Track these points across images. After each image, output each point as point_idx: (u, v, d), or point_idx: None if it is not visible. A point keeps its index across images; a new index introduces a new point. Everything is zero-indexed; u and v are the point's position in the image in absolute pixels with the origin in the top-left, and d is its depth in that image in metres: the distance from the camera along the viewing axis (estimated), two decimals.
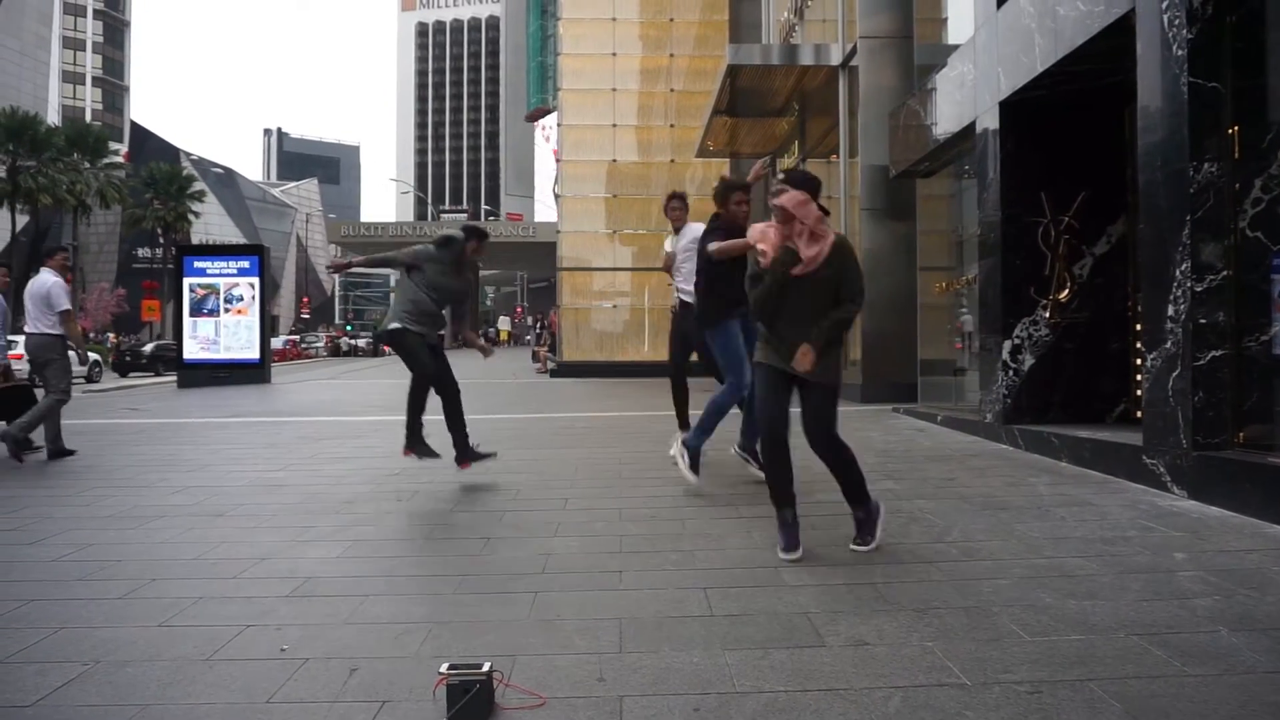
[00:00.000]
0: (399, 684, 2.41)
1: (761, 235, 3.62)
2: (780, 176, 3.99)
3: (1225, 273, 4.63)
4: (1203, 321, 4.64)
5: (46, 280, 6.89)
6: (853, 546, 3.68)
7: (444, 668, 2.24)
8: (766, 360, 3.65)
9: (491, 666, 2.23)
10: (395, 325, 5.29)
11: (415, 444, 5.40)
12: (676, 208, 6.36)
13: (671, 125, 21.32)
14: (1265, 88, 4.71)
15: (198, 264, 17.79)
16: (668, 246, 6.49)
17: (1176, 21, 4.76)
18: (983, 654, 2.53)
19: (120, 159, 58.73)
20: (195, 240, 53.12)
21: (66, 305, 6.96)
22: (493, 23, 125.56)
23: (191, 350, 17.40)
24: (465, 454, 5.43)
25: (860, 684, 2.35)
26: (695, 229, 6.29)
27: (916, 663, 2.48)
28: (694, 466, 4.96)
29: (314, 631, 2.83)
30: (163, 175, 52.22)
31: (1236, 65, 4.70)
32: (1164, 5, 4.85)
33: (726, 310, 4.93)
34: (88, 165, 45.61)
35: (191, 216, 53.28)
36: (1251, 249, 4.62)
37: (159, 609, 3.08)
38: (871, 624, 2.81)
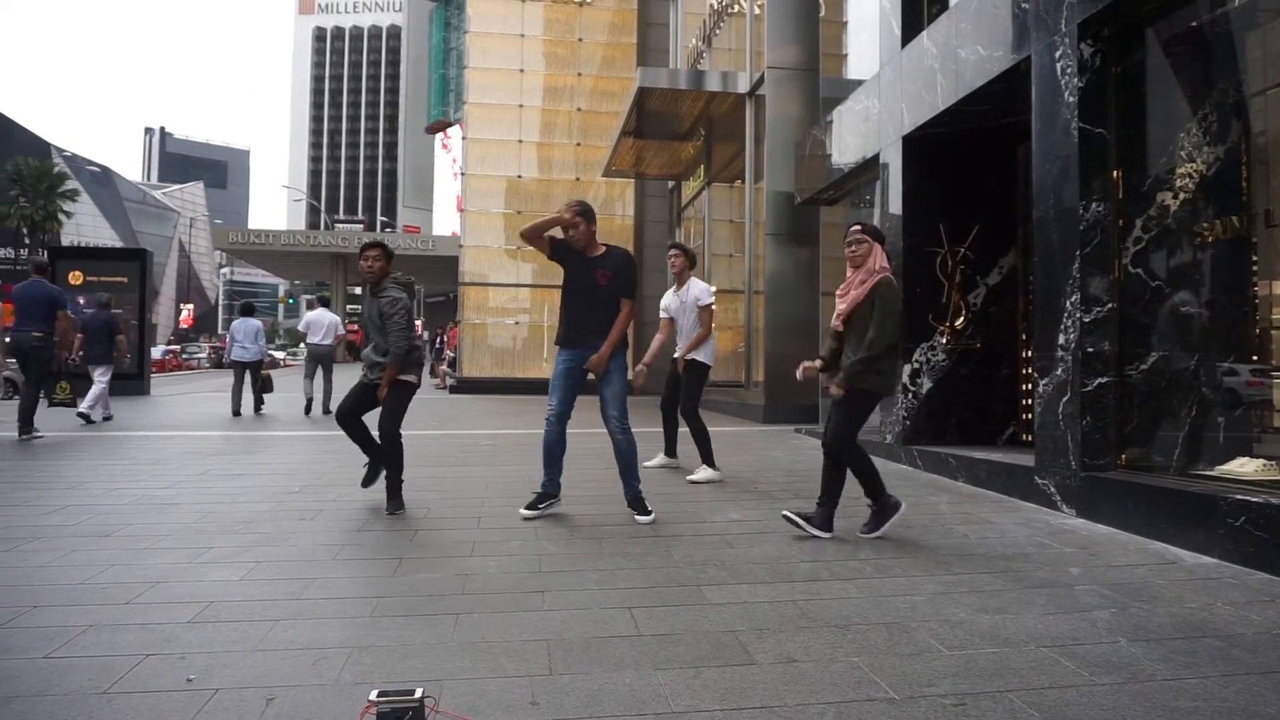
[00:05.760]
0: (321, 713, 2.29)
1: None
2: (858, 227, 4.36)
3: (1110, 305, 4.96)
4: (1090, 350, 4.95)
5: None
6: (858, 533, 4.41)
7: (373, 694, 2.14)
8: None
9: (424, 692, 2.15)
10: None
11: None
12: (676, 255, 6.29)
13: (577, 144, 21.38)
14: (1145, 135, 5.08)
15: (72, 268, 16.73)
16: (666, 301, 6.42)
17: (1068, 70, 5.09)
18: (906, 668, 2.60)
19: None
20: (66, 242, 49.86)
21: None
22: (394, 32, 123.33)
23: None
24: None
25: (793, 700, 2.37)
26: (699, 286, 6.28)
27: (845, 678, 2.53)
28: (644, 511, 4.83)
29: (222, 659, 2.67)
30: (31, 171, 48.82)
31: (1120, 113, 5.06)
32: (1057, 55, 5.18)
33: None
34: None
35: (63, 216, 50.00)
36: (1133, 284, 4.97)
37: (43, 639, 2.84)
38: (798, 641, 2.85)
